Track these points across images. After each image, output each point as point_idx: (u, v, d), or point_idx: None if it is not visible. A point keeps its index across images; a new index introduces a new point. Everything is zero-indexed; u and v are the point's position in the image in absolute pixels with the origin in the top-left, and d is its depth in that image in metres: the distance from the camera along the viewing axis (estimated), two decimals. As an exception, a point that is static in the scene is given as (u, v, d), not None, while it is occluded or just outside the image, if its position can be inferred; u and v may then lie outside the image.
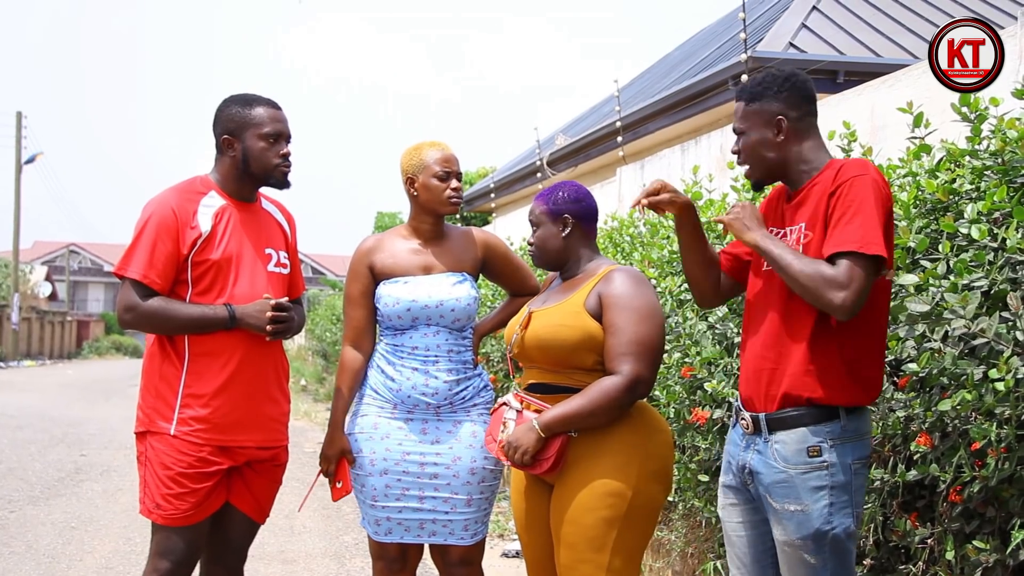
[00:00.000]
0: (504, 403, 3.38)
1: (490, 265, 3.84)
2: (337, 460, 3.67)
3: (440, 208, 3.68)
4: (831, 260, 2.68)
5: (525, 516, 3.44)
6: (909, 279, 2.60)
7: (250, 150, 3.49)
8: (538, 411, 3.26)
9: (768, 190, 3.24)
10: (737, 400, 3.02)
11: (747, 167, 2.98)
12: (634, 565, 3.23)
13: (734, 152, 3.01)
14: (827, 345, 2.76)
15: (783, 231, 2.91)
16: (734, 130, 3.00)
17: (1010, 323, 2.63)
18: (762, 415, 2.85)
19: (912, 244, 3.13)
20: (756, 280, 3.00)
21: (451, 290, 3.63)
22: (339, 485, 3.70)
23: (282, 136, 3.52)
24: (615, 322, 3.18)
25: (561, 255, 3.42)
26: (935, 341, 2.89)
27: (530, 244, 3.47)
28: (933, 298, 2.57)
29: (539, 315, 3.34)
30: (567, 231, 3.40)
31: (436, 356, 3.61)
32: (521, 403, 3.32)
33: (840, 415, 2.77)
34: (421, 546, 3.75)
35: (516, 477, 3.48)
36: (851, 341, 2.76)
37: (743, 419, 2.94)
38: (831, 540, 2.77)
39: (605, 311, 3.21)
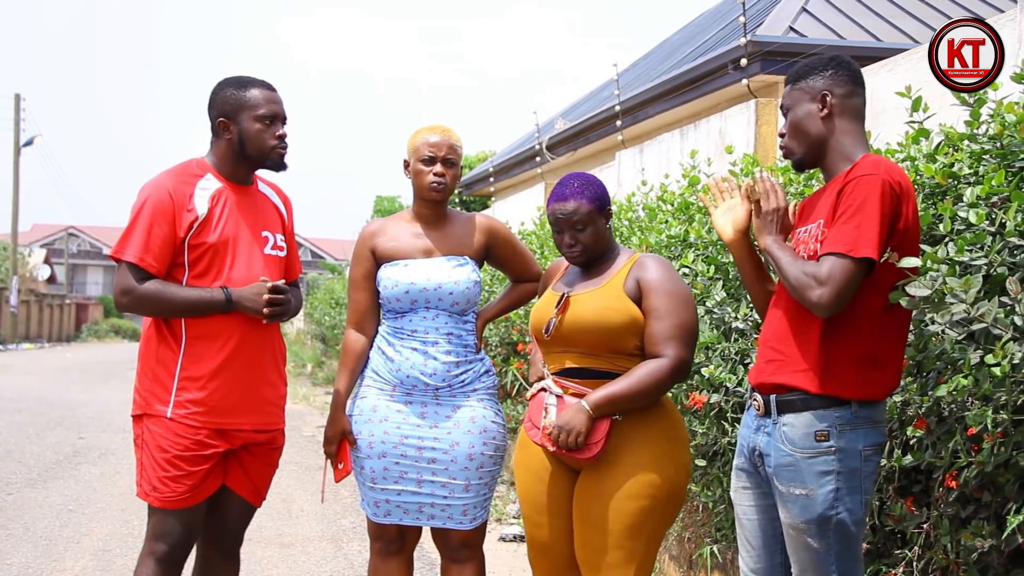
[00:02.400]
0: (543, 388, 3.36)
1: (494, 251, 3.82)
2: (338, 441, 3.68)
3: (422, 193, 3.67)
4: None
5: (545, 500, 3.40)
6: (911, 261, 2.59)
7: (246, 132, 3.47)
8: (576, 395, 3.25)
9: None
10: (747, 385, 3.05)
11: (788, 148, 3.00)
12: (655, 553, 3.30)
13: (780, 135, 3.04)
14: (840, 342, 2.78)
15: (808, 228, 2.93)
16: (782, 109, 3.03)
17: (1008, 308, 2.62)
18: (772, 396, 2.88)
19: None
20: None
21: (450, 273, 3.63)
22: (340, 466, 3.71)
23: (278, 117, 3.51)
24: (658, 307, 3.23)
25: (607, 247, 3.41)
26: (938, 325, 2.89)
27: (573, 246, 3.33)
28: (934, 282, 2.57)
29: (580, 299, 3.31)
30: (609, 223, 3.40)
31: (436, 339, 3.61)
32: (560, 388, 3.31)
33: (851, 402, 2.78)
34: (419, 528, 3.75)
35: (533, 460, 3.43)
36: (866, 338, 2.77)
37: (755, 400, 2.95)
38: (835, 525, 2.77)
39: (645, 296, 3.25)
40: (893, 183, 2.72)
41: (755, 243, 3.15)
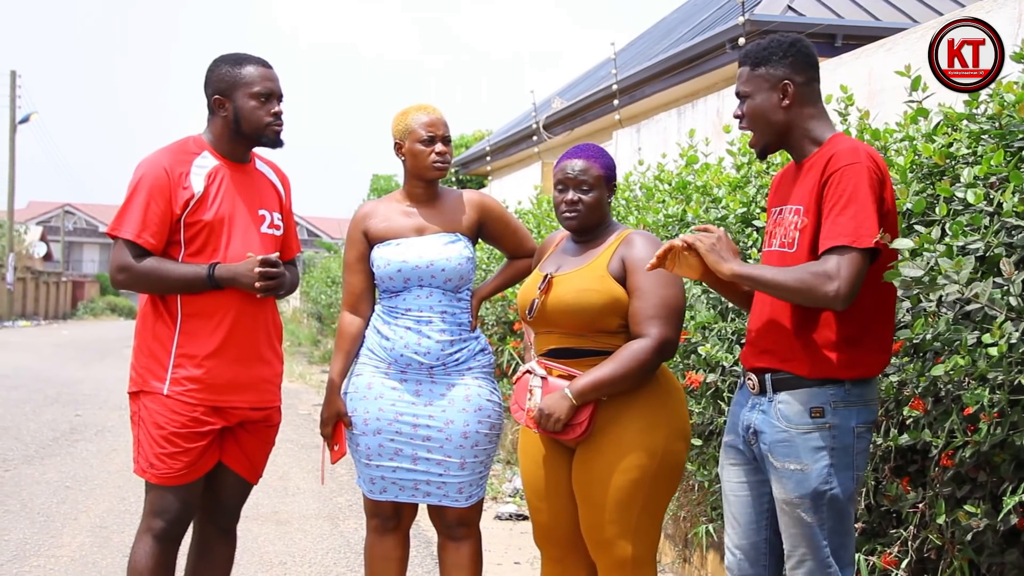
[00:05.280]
0: (528, 370, 3.37)
1: (487, 227, 3.82)
2: (334, 423, 3.69)
3: (424, 173, 3.67)
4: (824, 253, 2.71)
5: (543, 484, 3.41)
6: (904, 243, 2.59)
7: (241, 109, 3.46)
8: (563, 376, 3.26)
9: (773, 160, 3.23)
10: (739, 365, 3.04)
11: (752, 133, 2.98)
12: (658, 522, 3.29)
13: (736, 116, 3.00)
14: (824, 327, 2.78)
15: (782, 209, 2.91)
16: (737, 94, 2.99)
17: (1004, 288, 2.63)
18: (767, 375, 2.88)
19: (909, 205, 3.12)
20: (767, 260, 3.00)
21: (442, 250, 3.63)
22: (336, 448, 3.71)
23: (273, 94, 3.50)
24: (641, 286, 3.20)
25: (604, 219, 3.40)
26: (930, 303, 2.89)
27: (574, 204, 3.32)
28: (927, 263, 2.57)
29: (562, 280, 3.31)
30: (611, 196, 3.40)
31: (429, 317, 3.61)
32: (545, 369, 3.32)
33: (844, 381, 2.79)
34: (415, 505, 3.77)
35: (531, 446, 3.46)
36: (852, 319, 2.77)
37: (749, 379, 2.95)
38: (829, 500, 2.79)
39: (629, 275, 3.24)
40: (875, 168, 2.73)
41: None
